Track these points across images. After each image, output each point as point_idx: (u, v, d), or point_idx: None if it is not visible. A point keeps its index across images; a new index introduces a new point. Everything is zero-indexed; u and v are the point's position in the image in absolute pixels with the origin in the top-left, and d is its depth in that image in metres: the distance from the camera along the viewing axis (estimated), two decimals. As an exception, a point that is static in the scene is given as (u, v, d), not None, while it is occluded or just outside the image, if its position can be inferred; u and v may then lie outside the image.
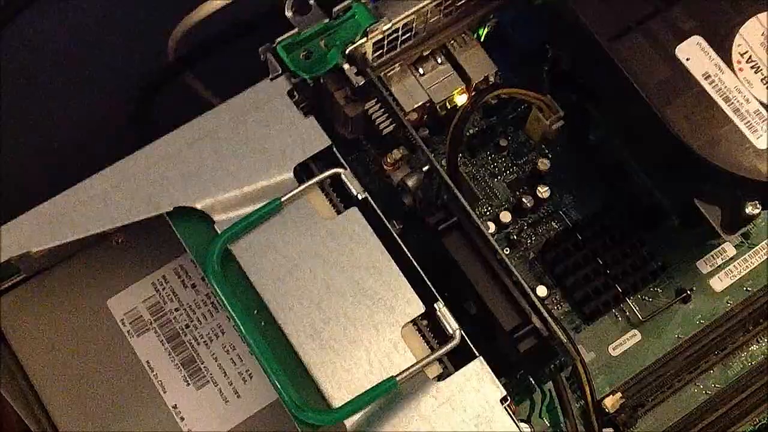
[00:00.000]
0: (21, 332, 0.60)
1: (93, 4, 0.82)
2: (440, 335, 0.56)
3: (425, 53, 0.63)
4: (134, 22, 0.80)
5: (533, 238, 0.65)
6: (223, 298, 0.54)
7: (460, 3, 0.62)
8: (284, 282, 0.55)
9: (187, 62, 0.75)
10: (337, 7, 0.60)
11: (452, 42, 0.63)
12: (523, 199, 0.65)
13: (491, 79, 0.64)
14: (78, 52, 0.81)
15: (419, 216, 0.60)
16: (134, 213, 0.56)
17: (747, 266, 0.65)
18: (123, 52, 0.80)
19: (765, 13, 0.60)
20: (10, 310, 0.61)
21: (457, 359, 0.55)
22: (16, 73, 0.79)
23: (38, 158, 0.78)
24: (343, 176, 0.57)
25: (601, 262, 0.63)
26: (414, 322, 0.56)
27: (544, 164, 0.65)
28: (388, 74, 0.62)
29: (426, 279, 0.56)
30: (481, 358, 0.55)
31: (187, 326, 0.61)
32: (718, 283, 0.65)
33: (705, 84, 0.58)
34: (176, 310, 0.61)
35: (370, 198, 0.57)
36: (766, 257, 0.65)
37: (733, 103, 0.58)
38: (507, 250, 0.64)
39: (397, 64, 0.62)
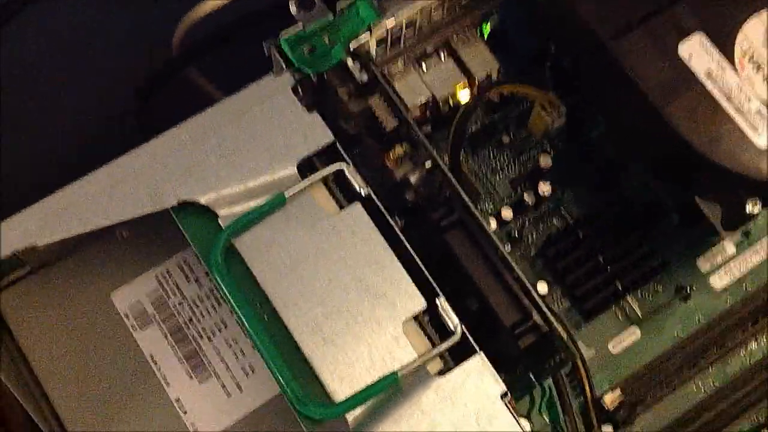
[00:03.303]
0: (25, 325, 0.61)
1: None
2: (441, 330, 0.56)
3: (428, 49, 0.63)
4: (139, 16, 0.81)
5: (534, 235, 0.65)
6: (226, 293, 0.54)
7: (463, 1, 0.62)
8: (287, 277, 0.55)
9: (191, 57, 0.75)
10: (341, 3, 0.60)
11: (455, 38, 0.64)
12: (525, 196, 0.65)
13: (494, 75, 0.64)
14: (80, 47, 0.81)
15: (421, 212, 0.60)
16: (139, 207, 0.56)
17: (747, 264, 0.65)
18: (127, 46, 0.80)
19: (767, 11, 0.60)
20: (14, 303, 0.61)
21: (458, 354, 0.56)
22: (17, 68, 0.79)
23: (39, 156, 0.78)
24: (346, 172, 0.58)
25: (601, 259, 0.63)
26: (415, 317, 0.56)
27: (546, 161, 0.65)
28: (391, 70, 0.62)
29: (428, 274, 0.56)
30: (482, 353, 0.55)
31: (191, 320, 0.61)
32: (718, 281, 0.65)
33: (707, 82, 0.59)
34: (180, 303, 0.62)
35: (373, 193, 0.58)
36: (766, 255, 0.66)
37: (734, 101, 0.58)
38: (508, 247, 0.65)
39: (400, 60, 0.62)
